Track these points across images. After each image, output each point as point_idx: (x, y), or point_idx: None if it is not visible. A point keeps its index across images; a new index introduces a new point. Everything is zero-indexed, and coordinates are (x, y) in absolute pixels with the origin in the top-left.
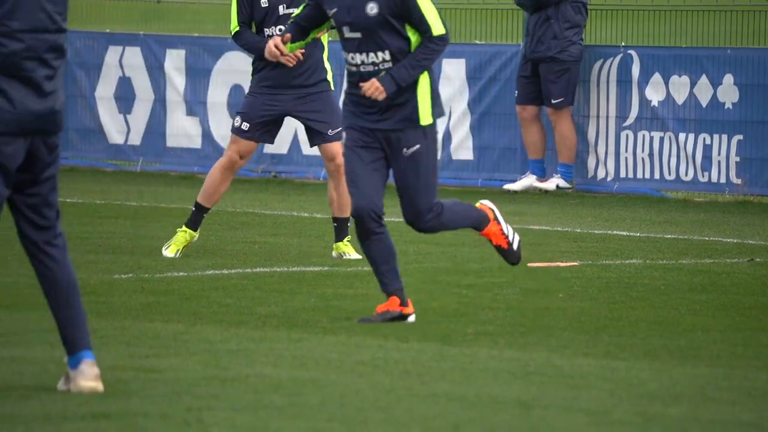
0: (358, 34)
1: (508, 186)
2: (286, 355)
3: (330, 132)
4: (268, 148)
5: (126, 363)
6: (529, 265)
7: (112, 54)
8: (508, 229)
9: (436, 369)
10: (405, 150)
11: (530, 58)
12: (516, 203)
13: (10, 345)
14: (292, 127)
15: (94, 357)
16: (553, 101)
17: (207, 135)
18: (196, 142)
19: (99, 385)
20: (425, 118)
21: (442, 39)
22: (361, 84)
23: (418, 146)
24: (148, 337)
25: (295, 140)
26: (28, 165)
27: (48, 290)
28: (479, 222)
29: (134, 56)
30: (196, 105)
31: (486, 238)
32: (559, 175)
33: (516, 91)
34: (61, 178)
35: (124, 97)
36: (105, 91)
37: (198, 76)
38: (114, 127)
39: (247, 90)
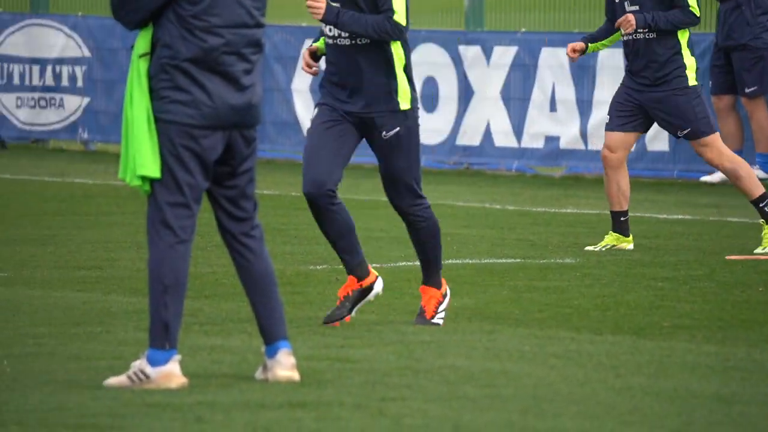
0: (336, 4)
1: (705, 178)
2: (479, 346)
3: (679, 133)
4: (461, 140)
5: (321, 353)
6: (727, 257)
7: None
8: (442, 311)
9: (631, 362)
10: (384, 133)
11: (722, 47)
12: (713, 195)
13: (210, 334)
14: (484, 119)
15: (290, 347)
16: (746, 90)
17: None
18: None
19: (295, 375)
20: (404, 101)
21: (398, 28)
22: (308, 3)
23: (398, 129)
24: (343, 327)
25: (488, 132)
26: (226, 158)
27: (245, 281)
28: (438, 269)
29: None
30: None
31: (422, 294)
32: (757, 166)
33: (710, 81)
34: (258, 170)
35: (318, 90)
36: (301, 84)
37: None
38: (309, 119)
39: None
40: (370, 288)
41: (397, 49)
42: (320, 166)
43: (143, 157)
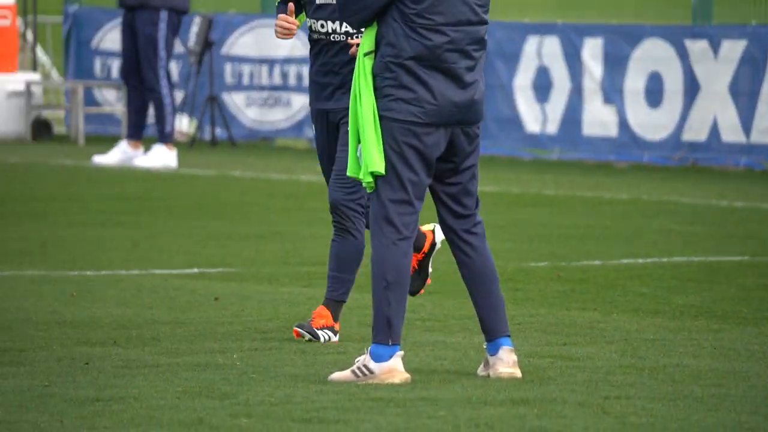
0: (331, 0)
1: None
2: (706, 345)
3: None
4: (686, 135)
5: (543, 350)
6: None
7: (531, 44)
8: (326, 336)
9: None
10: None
11: None
12: None
13: (433, 330)
14: (710, 112)
15: (512, 344)
16: None
17: (623, 123)
18: (613, 131)
19: (517, 372)
20: None
21: None
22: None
23: None
24: (565, 324)
25: (714, 127)
26: (449, 155)
27: (467, 277)
28: (345, 291)
29: (552, 45)
30: (612, 93)
31: (318, 310)
32: None
33: None
34: (479, 166)
35: (542, 86)
36: (523, 80)
37: (615, 63)
38: (531, 116)
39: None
40: (432, 246)
41: None
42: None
43: (371, 153)
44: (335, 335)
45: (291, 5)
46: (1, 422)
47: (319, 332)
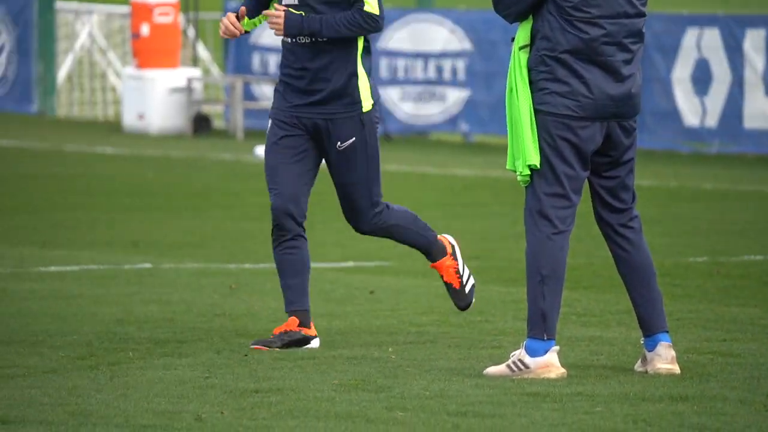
0: (294, 1)
1: None
2: None
3: None
4: None
5: (702, 346)
6: None
7: (690, 36)
8: (464, 270)
9: None
10: (339, 144)
11: None
12: None
13: (589, 325)
14: None
15: (670, 339)
16: None
17: None
18: None
19: (675, 368)
20: (366, 100)
21: (372, 18)
22: (265, 13)
23: (353, 139)
24: (725, 320)
25: None
26: (605, 148)
27: (624, 272)
28: (431, 246)
29: (712, 37)
30: None
31: (437, 271)
32: None
33: None
34: (636, 160)
35: (701, 79)
36: (682, 73)
37: None
38: (690, 109)
39: None
40: (307, 340)
41: (358, 42)
42: (288, 189)
43: (526, 147)
44: (456, 251)
45: (243, 9)
46: (164, 412)
47: (467, 288)
